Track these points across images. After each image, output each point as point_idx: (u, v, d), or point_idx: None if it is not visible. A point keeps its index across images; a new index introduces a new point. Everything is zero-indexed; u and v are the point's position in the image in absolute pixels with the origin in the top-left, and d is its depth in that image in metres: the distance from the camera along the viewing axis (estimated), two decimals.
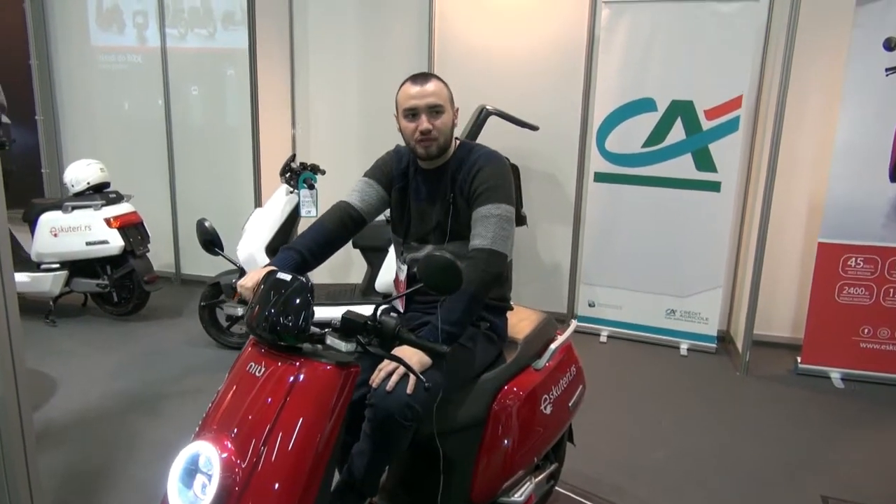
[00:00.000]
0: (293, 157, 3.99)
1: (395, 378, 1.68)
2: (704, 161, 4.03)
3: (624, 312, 4.42)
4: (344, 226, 1.99)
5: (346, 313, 1.54)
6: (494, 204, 1.88)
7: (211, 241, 1.90)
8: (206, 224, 1.90)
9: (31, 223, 4.42)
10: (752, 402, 3.59)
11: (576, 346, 2.41)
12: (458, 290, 1.54)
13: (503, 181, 1.93)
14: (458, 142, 2.05)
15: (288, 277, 1.59)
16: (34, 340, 4.19)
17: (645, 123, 4.12)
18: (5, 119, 5.33)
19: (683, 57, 3.97)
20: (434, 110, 1.91)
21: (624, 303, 4.40)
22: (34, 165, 5.39)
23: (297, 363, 1.53)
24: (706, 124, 3.99)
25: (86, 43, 5.20)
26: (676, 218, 4.15)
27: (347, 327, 1.53)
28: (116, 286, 4.46)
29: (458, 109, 2.01)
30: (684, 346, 4.25)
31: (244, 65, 4.38)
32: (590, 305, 4.50)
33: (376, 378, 1.70)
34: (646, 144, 4.15)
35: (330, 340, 1.55)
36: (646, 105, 4.10)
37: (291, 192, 3.86)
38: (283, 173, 3.92)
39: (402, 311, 2.09)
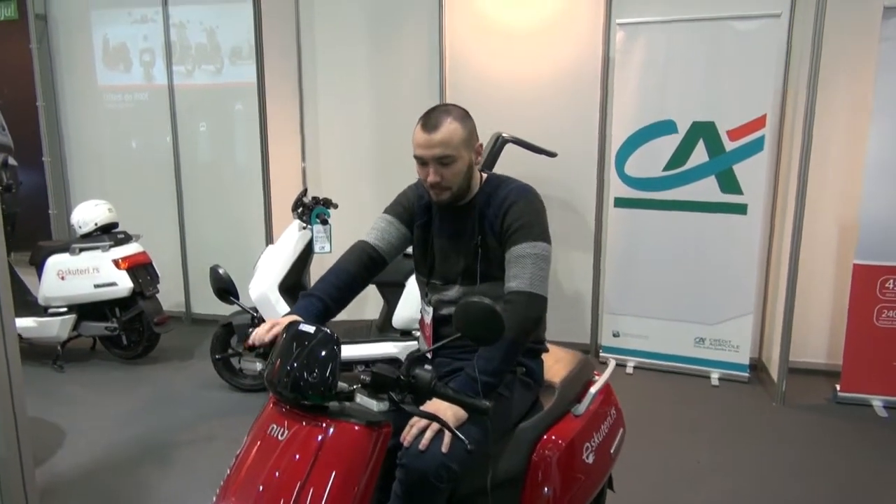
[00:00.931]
0: (305, 192, 3.88)
1: (428, 435, 1.53)
2: (729, 183, 3.90)
3: (650, 342, 4.25)
4: (365, 268, 1.85)
5: (375, 368, 1.40)
6: (530, 242, 1.74)
7: (225, 290, 1.77)
8: (220, 271, 1.78)
9: (38, 266, 4.32)
10: (792, 435, 3.40)
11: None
12: (499, 336, 1.40)
13: (538, 217, 1.79)
14: (484, 176, 1.92)
15: (311, 329, 1.45)
16: (41, 387, 4.06)
17: (665, 146, 4.00)
18: (12, 161, 5.28)
19: (703, 77, 3.86)
20: (442, 162, 1.75)
21: (650, 332, 4.24)
22: (42, 207, 5.31)
23: (324, 424, 1.39)
24: (729, 145, 3.87)
25: (92, 83, 5.15)
26: (702, 242, 4.01)
27: (378, 383, 1.39)
28: (126, 329, 4.34)
29: (480, 145, 1.86)
30: (715, 375, 4.08)
31: (252, 99, 4.30)
32: (614, 336, 4.33)
33: (408, 435, 1.55)
34: (667, 168, 4.02)
35: (360, 399, 1.41)
36: (666, 127, 3.98)
37: (304, 228, 3.74)
38: (294, 208, 3.81)
39: (428, 356, 1.94)
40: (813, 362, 4.10)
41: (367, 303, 4.63)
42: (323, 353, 1.40)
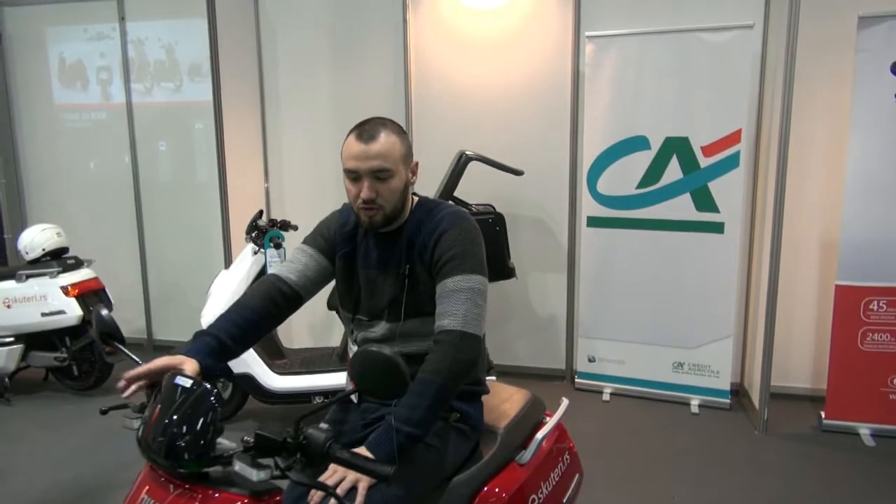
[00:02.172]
0: (260, 214, 3.69)
1: None
2: (705, 201, 3.73)
3: (627, 367, 4.05)
4: (273, 304, 1.65)
5: (260, 429, 1.20)
6: (463, 275, 1.56)
7: (109, 334, 1.56)
8: (104, 314, 1.57)
9: None
10: (776, 466, 3.20)
11: (578, 405, 2.05)
12: (403, 391, 1.21)
13: (472, 247, 1.60)
14: (416, 199, 1.73)
15: (188, 383, 1.26)
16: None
17: (638, 163, 3.84)
18: None
19: (675, 91, 3.71)
20: (378, 176, 1.58)
21: (626, 357, 4.04)
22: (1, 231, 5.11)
23: (199, 495, 1.19)
24: (704, 161, 3.70)
25: (48, 102, 4.97)
26: (678, 263, 3.83)
27: (262, 447, 1.19)
28: (76, 359, 4.12)
29: (416, 164, 1.69)
30: (695, 402, 3.88)
31: (212, 117, 4.11)
32: (590, 360, 4.14)
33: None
34: (640, 185, 3.85)
35: (238, 466, 1.21)
36: (638, 143, 3.82)
37: (257, 252, 3.55)
38: (248, 231, 3.62)
39: (355, 401, 1.74)
40: (796, 387, 3.92)
41: (335, 329, 4.43)
42: (199, 412, 1.20)
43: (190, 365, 1.44)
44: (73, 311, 3.96)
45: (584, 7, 3.97)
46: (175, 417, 1.21)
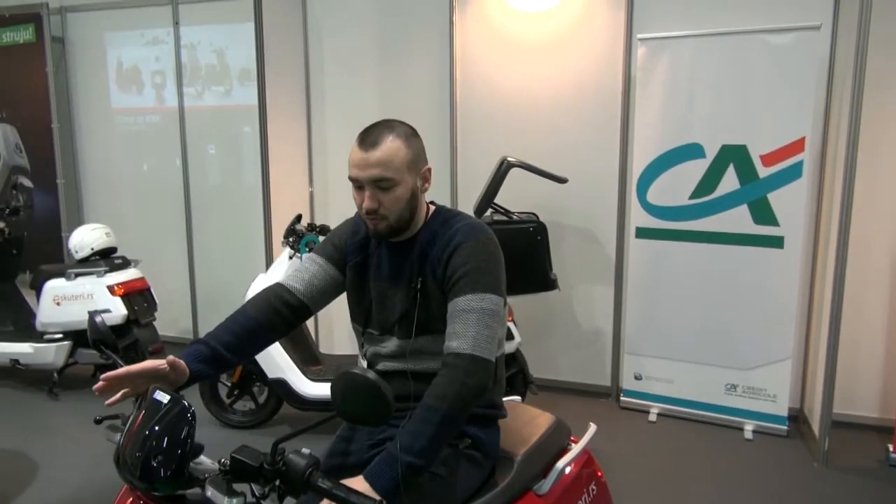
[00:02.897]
0: (298, 218, 3.66)
1: None
2: (763, 213, 3.50)
3: (676, 387, 3.84)
4: (275, 313, 1.57)
5: (237, 451, 1.12)
6: (476, 294, 1.45)
7: (101, 341, 1.52)
8: (97, 319, 1.53)
9: (38, 290, 4.22)
10: (835, 501, 2.96)
11: (622, 425, 1.90)
12: (385, 419, 1.11)
13: (487, 263, 1.49)
14: (432, 208, 1.63)
15: (165, 398, 1.19)
16: (30, 416, 3.93)
17: (692, 172, 3.63)
18: (28, 183, 5.27)
19: (733, 97, 3.50)
20: (379, 185, 1.49)
21: (676, 376, 3.83)
22: (57, 230, 5.26)
23: None
24: (763, 171, 3.48)
25: (106, 105, 5.11)
26: (734, 278, 3.61)
27: (237, 471, 1.11)
28: (121, 358, 4.17)
29: (429, 170, 1.59)
30: (749, 427, 3.64)
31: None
32: (636, 378, 3.95)
33: None
34: (694, 196, 3.65)
35: (210, 492, 1.13)
36: (692, 151, 3.62)
37: (293, 257, 3.51)
38: (286, 236, 3.59)
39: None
40: (862, 416, 3.64)
41: None
42: (174, 430, 1.13)
43: (178, 367, 1.38)
44: (118, 311, 4.01)
45: (636, 8, 3.80)
46: (148, 434, 1.14)
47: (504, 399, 1.77)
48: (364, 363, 1.65)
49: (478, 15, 4.11)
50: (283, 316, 1.58)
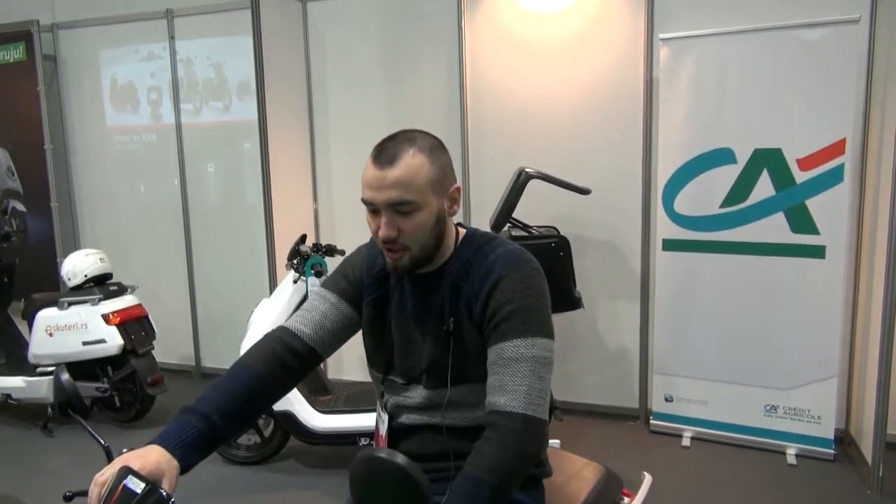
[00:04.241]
0: (303, 239, 3.44)
1: None
2: (802, 221, 3.26)
3: (710, 409, 3.59)
4: (282, 365, 1.33)
5: None
6: (526, 339, 1.22)
7: (68, 404, 1.26)
8: (64, 379, 1.27)
9: (30, 321, 4.00)
10: None
11: (653, 451, 1.66)
12: None
13: (537, 300, 1.26)
14: (462, 232, 1.39)
15: (139, 487, 0.97)
16: (22, 454, 3.69)
17: (722, 179, 3.40)
18: (21, 207, 5.07)
19: (766, 97, 3.27)
20: (398, 209, 1.25)
21: (710, 397, 3.58)
22: (51, 255, 5.06)
23: None
24: (800, 176, 3.24)
25: (101, 124, 4.91)
26: (770, 291, 3.36)
27: None
28: (118, 389, 3.94)
29: (457, 189, 1.35)
30: (792, 451, 3.38)
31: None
32: (667, 400, 3.69)
33: None
34: (725, 204, 3.41)
35: None
36: (722, 157, 3.39)
37: (297, 280, 3.29)
38: (290, 258, 3.37)
39: None
40: None
41: None
42: None
43: (166, 469, 1.12)
44: (113, 341, 3.78)
45: (657, 7, 3.57)
46: None
47: None
48: (385, 416, 1.41)
49: (488, 19, 3.90)
50: (290, 368, 1.34)
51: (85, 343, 3.81)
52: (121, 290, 4.00)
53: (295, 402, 3.26)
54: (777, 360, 3.39)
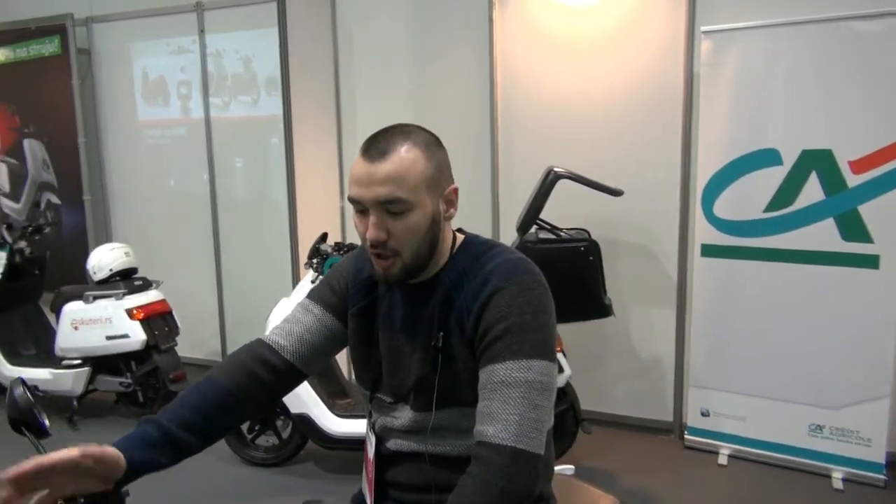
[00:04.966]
0: (324, 237, 3.35)
1: None
2: (854, 228, 3.03)
3: (750, 426, 3.38)
4: (252, 378, 1.23)
5: None
6: (520, 361, 1.08)
7: (22, 421, 1.15)
8: (17, 392, 1.16)
9: (57, 313, 4.02)
10: None
11: (688, 468, 1.51)
12: None
13: (535, 316, 1.11)
14: (460, 238, 1.26)
15: None
16: (47, 446, 3.67)
17: (767, 181, 3.19)
18: (55, 200, 5.12)
19: (815, 94, 3.05)
20: (389, 209, 1.13)
21: (749, 413, 3.37)
22: (84, 247, 5.10)
23: None
24: (853, 180, 3.01)
25: (133, 118, 4.92)
26: (818, 303, 3.14)
27: None
28: (141, 384, 3.93)
29: (454, 190, 1.22)
30: (838, 475, 3.15)
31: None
32: (703, 415, 3.49)
33: None
34: (769, 208, 3.20)
35: None
36: (767, 158, 3.18)
37: (315, 280, 3.19)
38: (310, 257, 3.28)
39: None
40: None
41: None
42: None
43: (107, 459, 1.04)
44: (136, 336, 3.76)
45: None
46: None
47: (555, 469, 1.40)
48: (373, 437, 1.29)
49: (519, 11, 3.74)
50: (262, 382, 1.24)
51: (109, 337, 3.80)
52: (145, 285, 3.98)
53: (312, 406, 3.17)
54: (824, 376, 3.17)
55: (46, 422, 1.16)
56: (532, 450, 1.05)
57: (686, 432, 3.56)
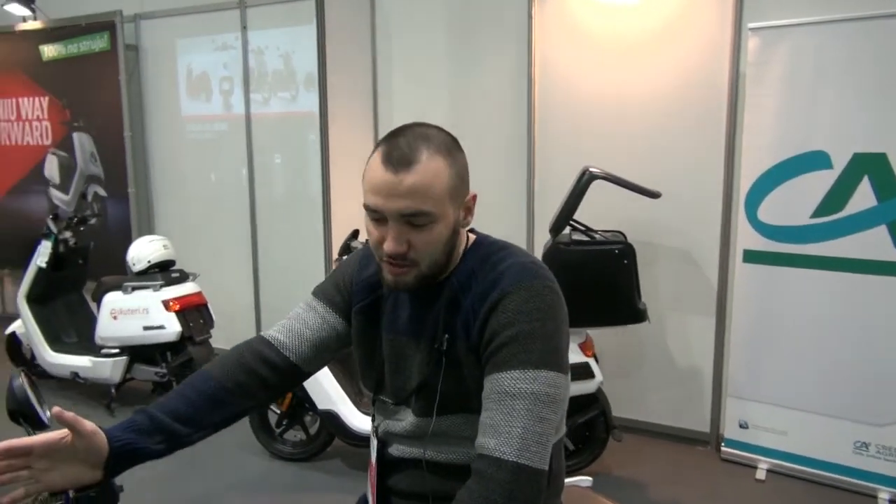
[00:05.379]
0: (355, 234, 3.34)
1: None
2: None
3: (791, 440, 3.24)
4: (249, 374, 1.20)
5: None
6: (527, 371, 1.02)
7: (19, 412, 1.15)
8: (16, 383, 1.15)
9: (98, 302, 4.11)
10: None
11: (724, 481, 1.44)
12: None
13: (544, 324, 1.05)
14: (471, 239, 1.20)
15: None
16: None
17: (815, 185, 3.05)
18: (101, 192, 5.25)
19: (869, 95, 2.90)
20: (412, 222, 1.07)
21: (790, 427, 3.23)
22: (129, 239, 5.21)
23: None
24: None
25: (176, 113, 5.00)
26: (868, 314, 2.99)
27: None
28: (176, 375, 3.99)
29: (473, 197, 1.16)
30: (884, 495, 3.00)
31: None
32: (741, 427, 3.36)
33: None
34: (817, 214, 3.05)
35: None
36: (815, 161, 3.04)
37: None
38: (340, 254, 3.29)
39: None
40: None
41: None
42: None
43: (90, 437, 1.03)
44: (172, 327, 3.83)
45: None
46: None
47: (570, 481, 1.34)
48: (375, 441, 1.25)
49: (560, 10, 3.66)
50: (261, 379, 1.21)
51: (145, 328, 3.87)
52: (182, 278, 4.04)
53: (339, 402, 3.17)
54: (871, 391, 3.01)
55: (47, 413, 1.16)
56: (535, 465, 0.99)
57: (723, 444, 3.43)
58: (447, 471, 1.13)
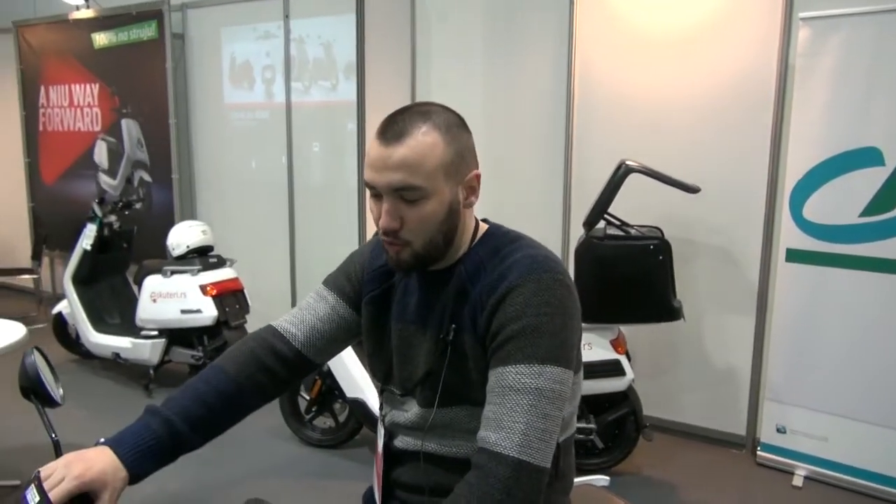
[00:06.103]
0: None
1: None
2: None
3: (831, 447, 3.12)
4: (263, 370, 1.19)
5: None
6: (531, 366, 1.00)
7: (31, 389, 1.16)
8: (29, 360, 1.16)
9: (139, 285, 4.21)
10: None
11: (760, 487, 1.39)
12: None
13: (552, 318, 1.02)
14: (483, 228, 1.19)
15: (34, 501, 0.85)
16: (122, 410, 3.88)
17: (865, 183, 2.92)
18: (147, 177, 5.38)
19: None
20: (403, 196, 1.06)
21: (831, 433, 3.11)
22: (171, 225, 5.33)
23: None
24: None
25: (220, 101, 5.08)
26: None
27: None
28: (211, 359, 4.06)
29: (476, 176, 1.14)
30: None
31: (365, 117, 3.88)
32: (778, 431, 3.26)
33: None
34: (866, 213, 2.92)
35: None
36: (867, 157, 2.90)
37: None
38: None
39: None
40: None
41: None
42: None
43: (110, 481, 1.02)
44: (208, 311, 3.90)
45: None
46: None
47: (584, 480, 1.31)
48: (382, 431, 1.24)
49: (602, 3, 3.58)
50: (273, 374, 1.20)
51: (183, 311, 3.95)
52: (220, 263, 4.11)
53: (367, 390, 3.18)
54: None
55: (60, 391, 1.18)
56: (537, 462, 0.96)
57: (759, 448, 3.33)
58: (450, 464, 1.11)
